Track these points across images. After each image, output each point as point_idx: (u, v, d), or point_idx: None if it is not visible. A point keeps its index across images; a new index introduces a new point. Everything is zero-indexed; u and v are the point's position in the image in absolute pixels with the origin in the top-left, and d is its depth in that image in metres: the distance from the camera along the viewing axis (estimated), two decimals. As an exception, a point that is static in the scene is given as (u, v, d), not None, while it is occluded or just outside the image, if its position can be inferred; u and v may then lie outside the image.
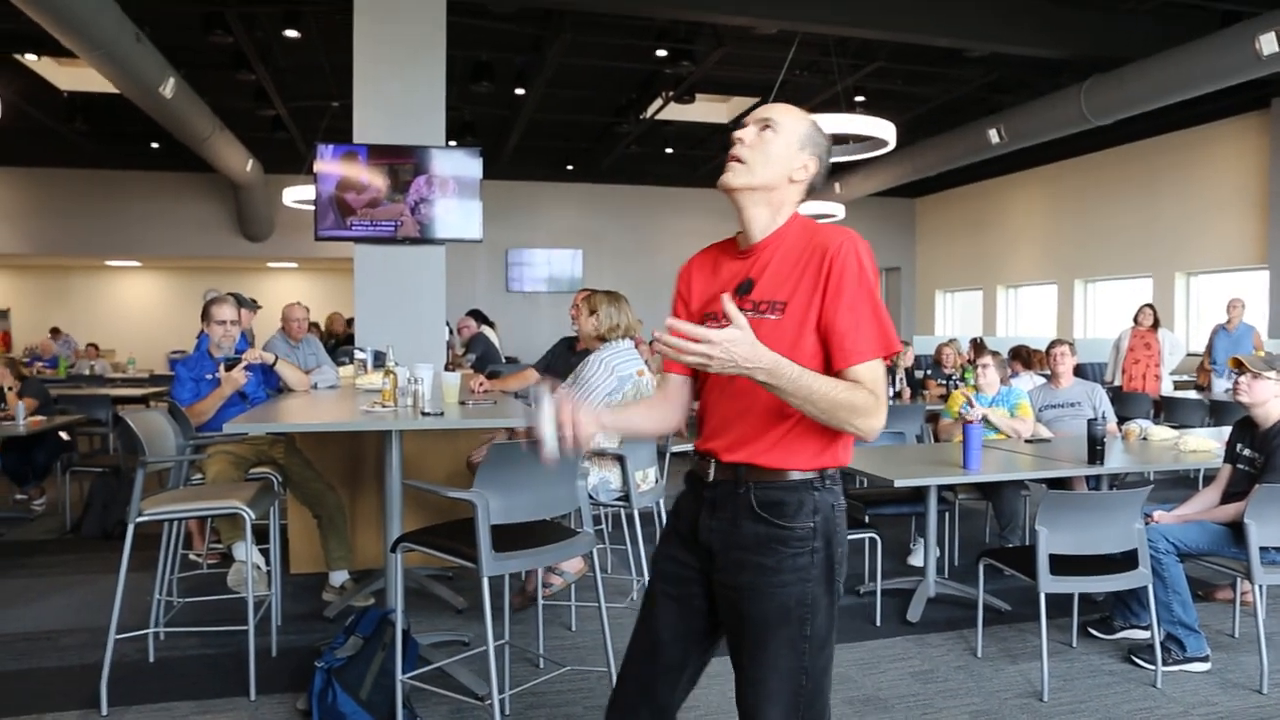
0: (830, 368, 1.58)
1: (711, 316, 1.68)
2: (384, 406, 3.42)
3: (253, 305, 6.91)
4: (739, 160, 1.67)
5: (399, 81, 6.46)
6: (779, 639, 1.60)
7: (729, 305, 1.45)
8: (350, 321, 10.07)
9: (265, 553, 3.79)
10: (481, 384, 4.47)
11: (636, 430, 1.94)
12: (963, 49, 8.97)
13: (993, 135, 10.39)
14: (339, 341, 8.83)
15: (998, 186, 14.49)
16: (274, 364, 4.35)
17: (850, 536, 3.95)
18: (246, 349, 4.50)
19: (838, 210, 12.65)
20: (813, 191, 1.73)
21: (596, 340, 3.90)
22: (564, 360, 4.59)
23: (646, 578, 3.47)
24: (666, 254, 15.56)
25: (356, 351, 5.27)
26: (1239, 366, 3.62)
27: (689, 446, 6.96)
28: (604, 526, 4.80)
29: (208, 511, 3.32)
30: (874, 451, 4.45)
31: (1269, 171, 10.09)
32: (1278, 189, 9.92)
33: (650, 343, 1.86)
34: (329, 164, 6.33)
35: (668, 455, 6.47)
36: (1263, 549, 3.24)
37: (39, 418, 5.76)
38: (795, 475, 1.62)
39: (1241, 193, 10.63)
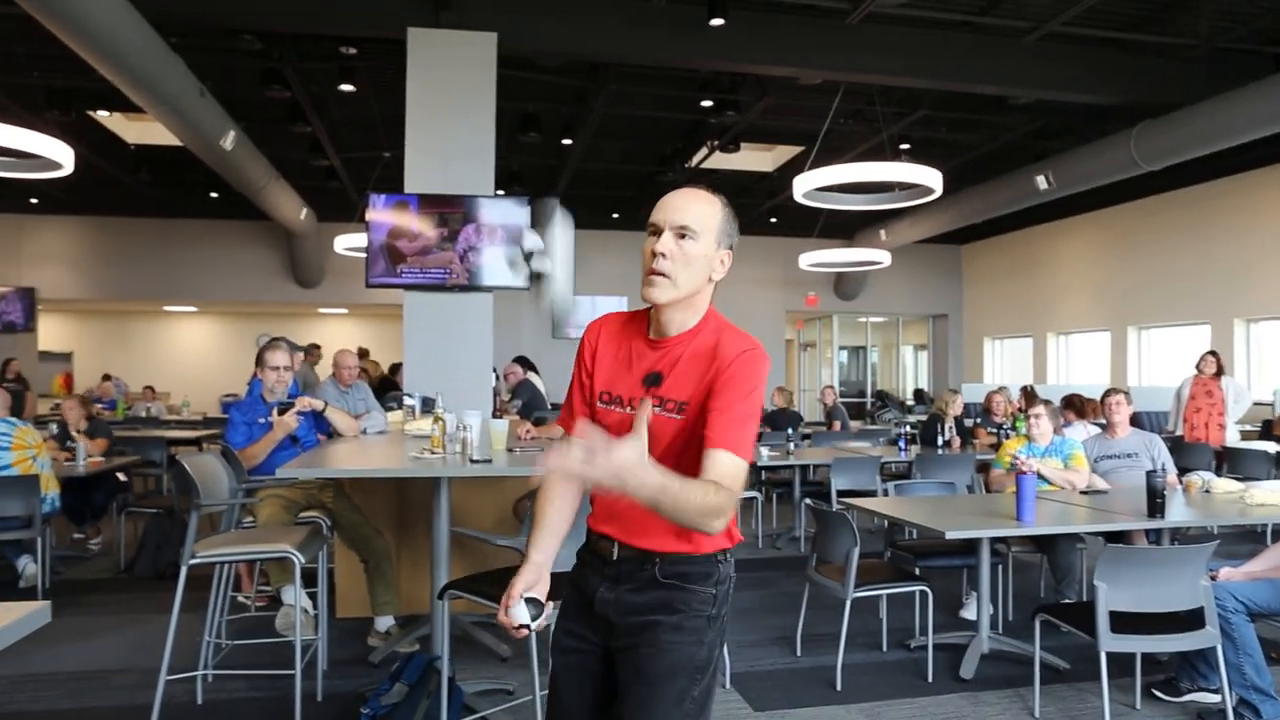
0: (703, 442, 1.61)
1: (611, 398, 1.72)
2: (433, 453, 3.45)
3: (303, 349, 7.04)
4: (662, 275, 1.64)
5: (449, 132, 6.62)
6: (668, 695, 1.62)
7: (642, 423, 1.52)
8: (393, 368, 10.20)
9: (313, 597, 3.81)
10: (528, 430, 4.49)
11: (562, 534, 1.79)
12: (1008, 96, 8.95)
13: (1040, 181, 10.30)
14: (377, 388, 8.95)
15: (1046, 232, 14.34)
16: (324, 410, 4.41)
17: (900, 590, 3.90)
18: (299, 394, 4.58)
19: (884, 257, 12.60)
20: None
21: None
22: None
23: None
24: (713, 300, 15.58)
25: (405, 397, 5.33)
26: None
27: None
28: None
29: (259, 555, 3.35)
30: (924, 503, 4.37)
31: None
32: (1338, 235, 9.68)
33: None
34: (380, 212, 6.48)
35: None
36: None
37: (99, 459, 5.90)
38: (701, 555, 1.67)
39: (1300, 240, 10.40)
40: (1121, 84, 8.48)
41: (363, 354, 11.74)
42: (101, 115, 9.79)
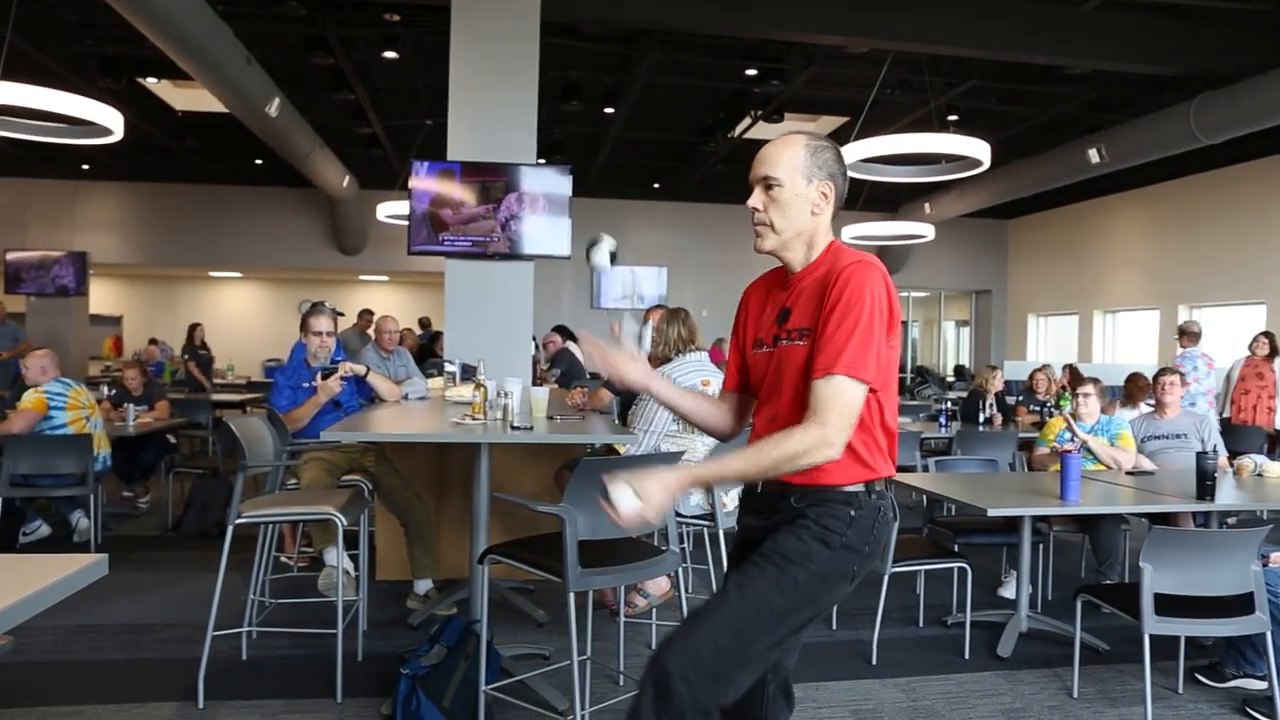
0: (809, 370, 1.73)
1: (757, 342, 1.88)
2: (474, 419, 3.47)
3: (342, 314, 7.13)
4: (762, 225, 1.81)
5: (492, 100, 6.59)
6: (766, 571, 1.71)
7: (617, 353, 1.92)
8: (433, 336, 10.26)
9: (354, 559, 3.88)
10: (582, 395, 4.51)
11: (689, 413, 2.01)
12: (1061, 66, 8.71)
13: (1093, 155, 10.04)
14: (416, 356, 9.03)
15: (1095, 208, 14.00)
16: (366, 375, 4.46)
17: (938, 566, 3.87)
18: (343, 358, 4.63)
19: (928, 231, 12.41)
20: (841, 202, 1.83)
21: (659, 362, 3.88)
22: None
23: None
24: (749, 273, 15.10)
25: (446, 364, 5.37)
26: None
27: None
28: (686, 546, 4.77)
29: (302, 516, 3.41)
30: (964, 479, 4.32)
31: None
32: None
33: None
34: (423, 180, 6.49)
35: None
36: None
37: (148, 420, 6.03)
38: (841, 489, 1.75)
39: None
40: (1181, 54, 8.20)
41: (424, 324, 11.86)
42: (150, 83, 9.90)
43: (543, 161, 10.11)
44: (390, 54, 8.66)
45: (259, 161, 12.92)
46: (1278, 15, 7.78)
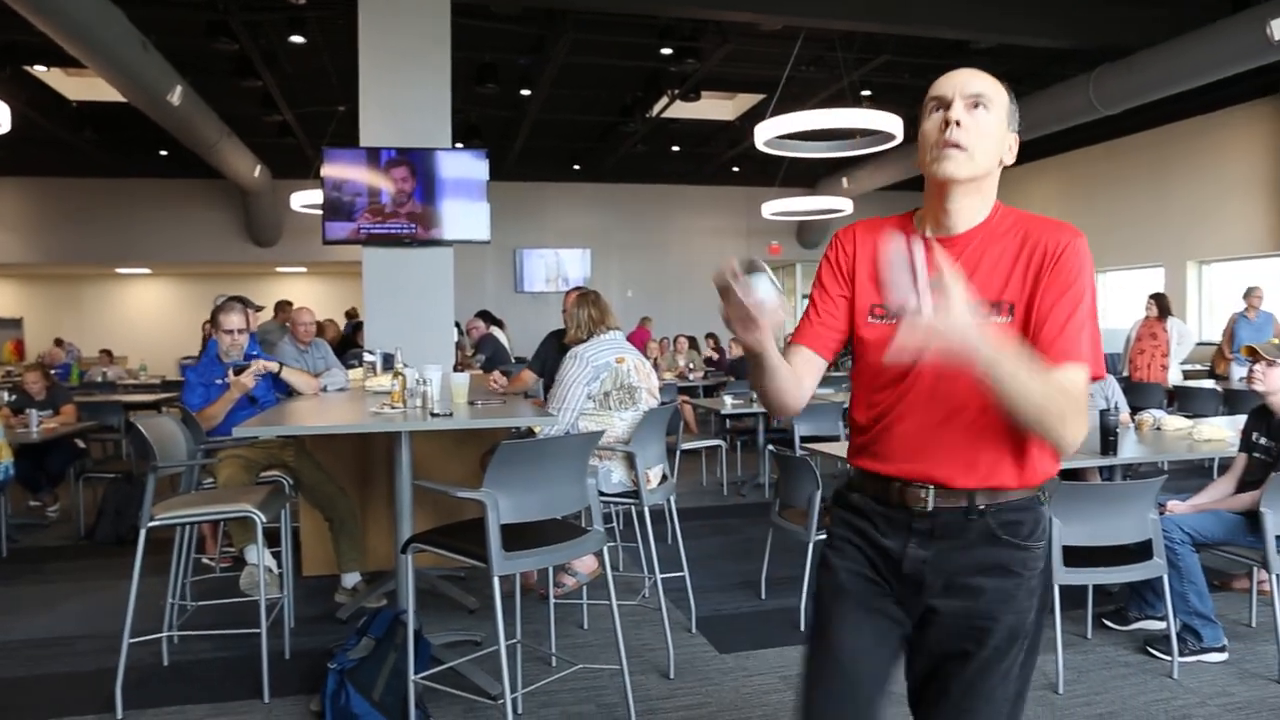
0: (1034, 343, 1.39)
1: (885, 311, 1.48)
2: (393, 408, 3.42)
3: (255, 307, 6.93)
4: (959, 147, 1.41)
5: (404, 85, 6.47)
6: (1001, 667, 1.44)
7: (947, 267, 1.21)
8: (356, 327, 10.07)
9: (277, 555, 3.80)
10: (498, 380, 4.50)
11: (774, 369, 1.47)
12: (970, 41, 8.92)
13: (1000, 127, 10.30)
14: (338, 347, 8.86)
15: (1006, 177, 13.99)
16: (279, 373, 4.35)
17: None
18: (258, 353, 4.51)
19: (846, 205, 12.61)
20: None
21: (577, 342, 3.91)
22: (555, 355, 4.61)
23: (659, 575, 3.48)
24: (675, 251, 15.56)
25: (365, 354, 5.28)
26: (1253, 355, 3.59)
27: (700, 443, 6.95)
28: (615, 524, 4.80)
29: (218, 516, 3.33)
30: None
31: (1278, 157, 10.01)
32: (1290, 176, 9.84)
33: (673, 339, 1.87)
34: (336, 168, 6.35)
35: (677, 454, 6.49)
36: (1279, 537, 3.21)
37: (53, 425, 5.79)
38: (1027, 492, 1.46)
39: (1253, 180, 10.55)
40: (1082, 28, 8.47)
41: (351, 314, 11.60)
42: (39, 71, 9.44)
43: (459, 146, 9.96)
44: (297, 39, 8.42)
45: (164, 153, 12.47)
46: (1168, -12, 8.09)
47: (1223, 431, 4.17)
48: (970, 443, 1.42)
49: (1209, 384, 7.89)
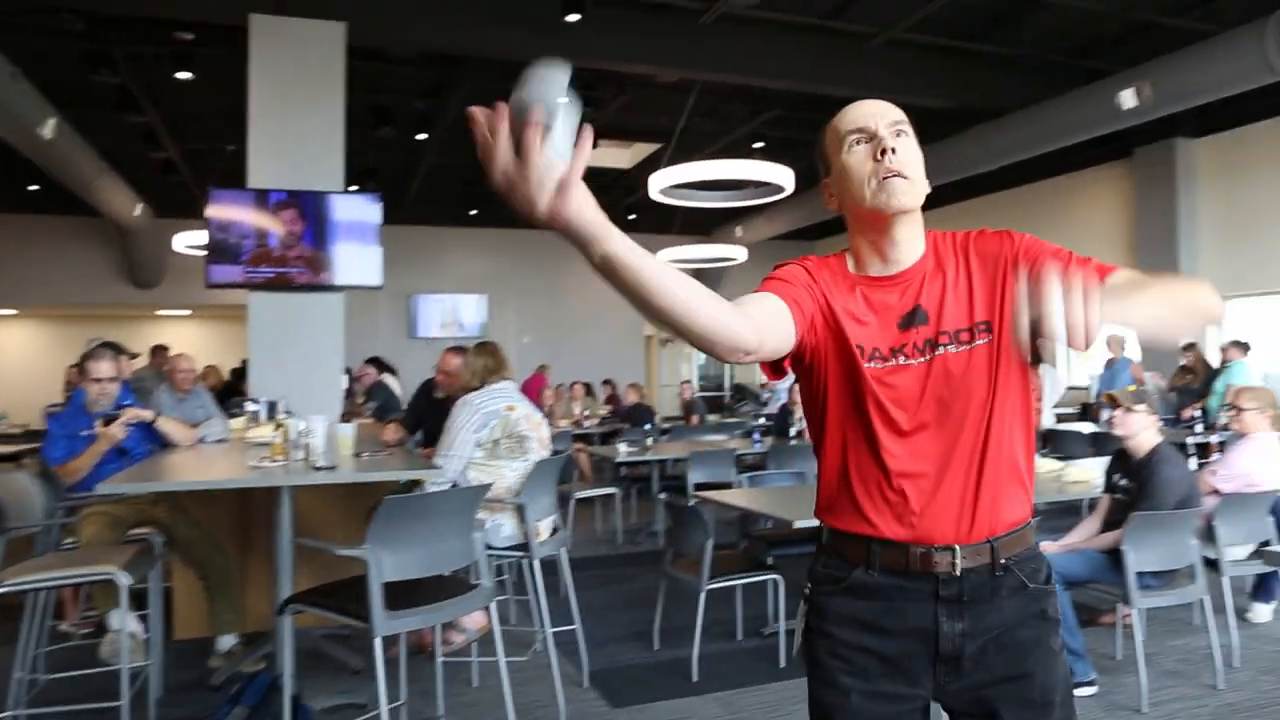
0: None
1: (897, 353, 1.33)
2: (274, 461, 3.30)
3: (128, 354, 6.62)
4: (901, 175, 1.32)
5: (296, 125, 6.35)
6: (1067, 714, 1.35)
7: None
8: (236, 372, 9.71)
9: (145, 619, 3.58)
10: (395, 432, 4.40)
11: (660, 277, 1.16)
12: (855, 98, 9.30)
13: (885, 181, 10.77)
14: (222, 394, 8.51)
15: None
16: (153, 421, 4.15)
17: (753, 579, 3.99)
18: (131, 402, 4.29)
19: (740, 253, 12.90)
20: None
21: (469, 390, 3.87)
22: (426, 408, 4.55)
23: (549, 630, 3.42)
24: (572, 298, 15.59)
25: (248, 403, 5.08)
26: (1112, 401, 3.81)
27: (595, 491, 6.92)
28: (507, 577, 4.72)
29: (75, 579, 3.11)
30: (776, 493, 4.50)
31: (1135, 216, 10.75)
32: (1143, 232, 10.55)
33: (569, 386, 1.63)
34: (222, 209, 6.17)
35: (571, 502, 6.44)
36: (1139, 574, 3.39)
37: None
38: (1026, 530, 1.36)
39: (1112, 236, 11.27)
40: (958, 89, 8.97)
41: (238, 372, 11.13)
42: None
43: (353, 189, 9.80)
44: (184, 75, 8.17)
45: (34, 187, 11.82)
46: (1034, 59, 8.67)
47: (1090, 473, 4.40)
48: (983, 484, 1.31)
49: (1080, 426, 8.31)
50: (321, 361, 6.27)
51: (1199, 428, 6.89)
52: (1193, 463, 5.61)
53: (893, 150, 1.32)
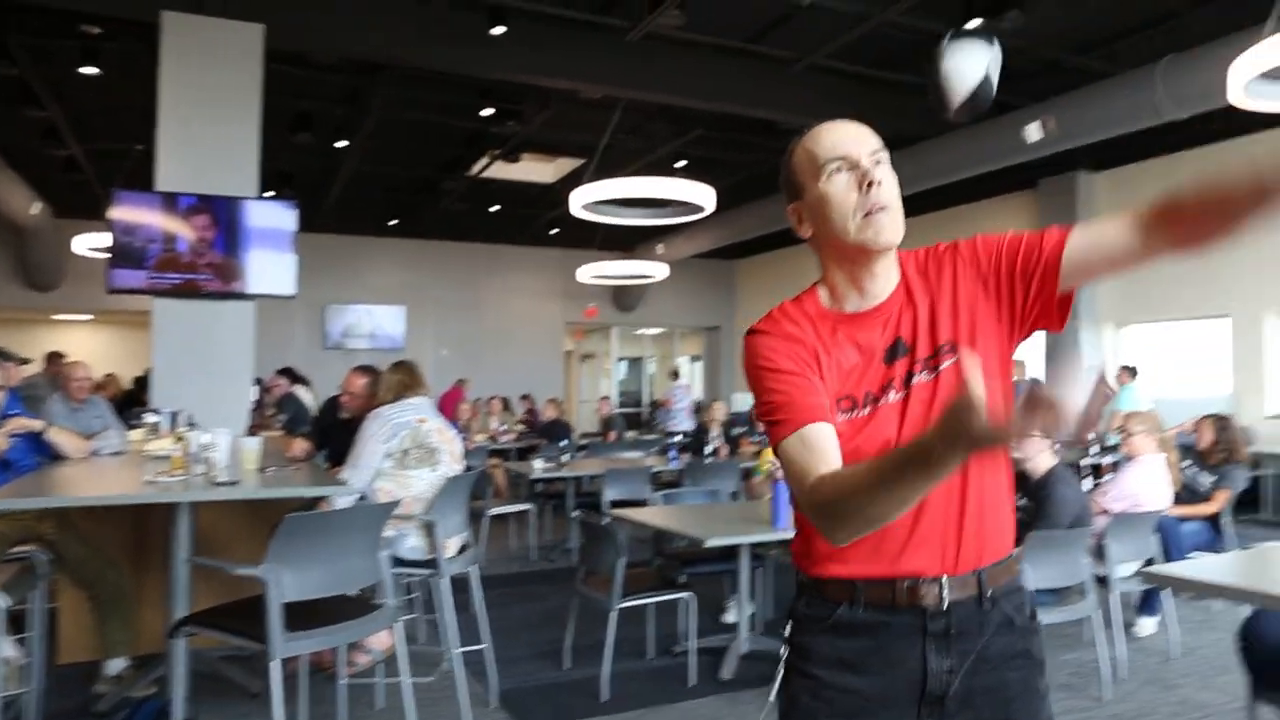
0: (1054, 257, 1.25)
1: (870, 399, 1.28)
2: (172, 475, 3.18)
3: (18, 359, 6.30)
4: (889, 209, 1.28)
5: (209, 128, 6.18)
6: None
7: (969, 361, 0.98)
8: (139, 382, 9.36)
9: (24, 642, 3.40)
10: (303, 448, 4.29)
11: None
12: (777, 121, 9.50)
13: (804, 204, 11.01)
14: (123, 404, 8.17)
15: (811, 251, 15.34)
16: (43, 432, 3.96)
17: (665, 598, 4.01)
18: (18, 410, 4.08)
19: (661, 270, 12.99)
20: None
21: (383, 404, 3.83)
22: (332, 423, 4.47)
23: (456, 649, 3.37)
24: (492, 311, 15.48)
25: (148, 414, 4.89)
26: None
27: (510, 508, 6.87)
28: (417, 595, 4.63)
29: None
30: (690, 511, 4.53)
31: (1042, 244, 11.21)
32: (1049, 260, 11.00)
33: (486, 400, 1.54)
34: (127, 211, 5.97)
35: (485, 518, 6.37)
36: (1035, 591, 3.51)
37: None
38: (1014, 555, 1.34)
39: (1020, 263, 11.74)
40: (876, 116, 9.05)
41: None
42: None
43: (269, 194, 9.56)
44: (90, 70, 7.85)
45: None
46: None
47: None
48: (965, 513, 1.27)
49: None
50: (230, 372, 6.09)
51: (1094, 449, 7.19)
52: (1087, 484, 5.86)
53: (879, 183, 1.28)
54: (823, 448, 1.21)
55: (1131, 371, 8.92)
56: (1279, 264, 8.88)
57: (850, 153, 1.30)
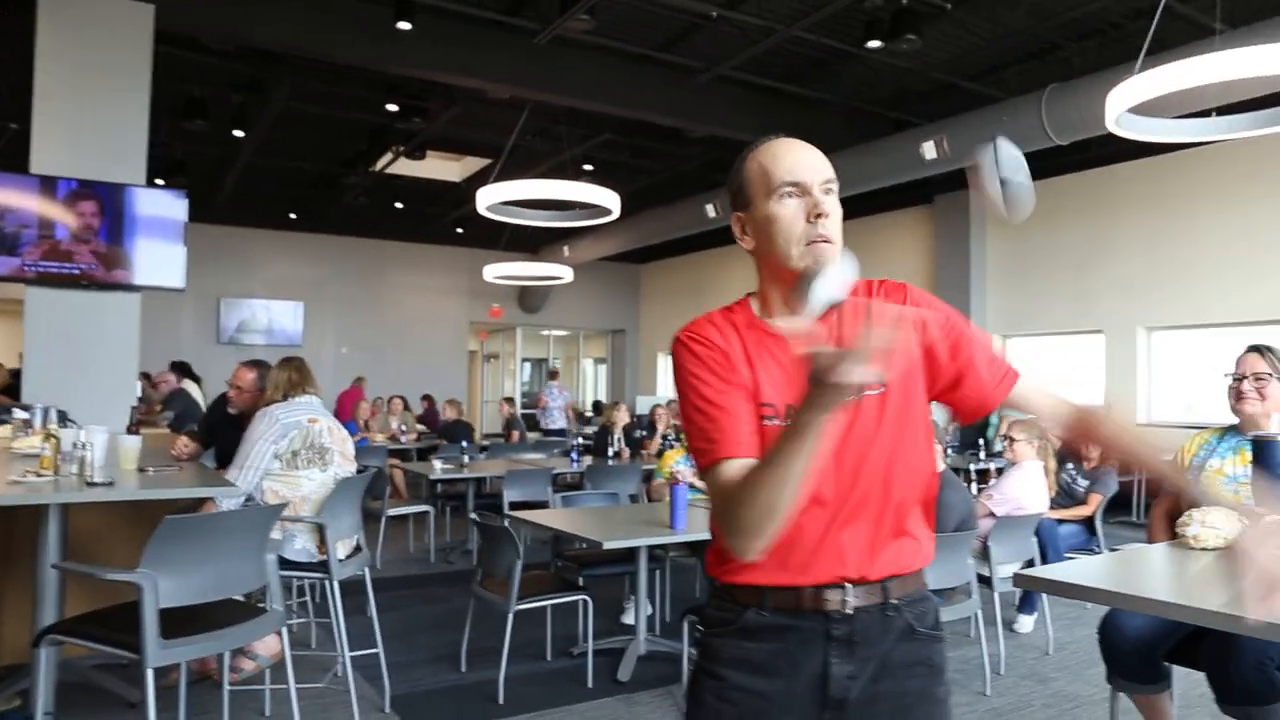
0: (988, 403, 1.38)
1: (788, 411, 1.28)
2: (41, 475, 3.01)
3: None
4: (830, 241, 1.31)
5: (92, 110, 5.88)
6: None
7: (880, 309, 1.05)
8: (16, 374, 8.85)
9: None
10: (186, 446, 4.10)
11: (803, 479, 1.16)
12: (683, 129, 9.62)
13: (709, 210, 11.18)
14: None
15: (715, 257, 15.53)
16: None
17: (563, 600, 4.00)
18: None
19: (566, 273, 12.98)
20: None
21: (271, 403, 3.70)
22: (220, 421, 4.31)
23: (347, 654, 3.29)
24: (393, 309, 15.18)
25: (16, 410, 4.62)
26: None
27: (408, 509, 6.75)
28: (308, 599, 4.50)
29: None
30: (590, 513, 4.53)
31: (934, 258, 11.64)
32: (942, 272, 11.44)
33: (387, 399, 1.52)
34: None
35: (384, 519, 6.24)
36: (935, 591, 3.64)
37: None
38: (921, 576, 1.37)
39: (914, 275, 12.14)
40: (777, 128, 9.31)
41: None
42: None
43: (160, 182, 9.17)
44: (-43, 42, 7.38)
45: None
46: (848, 107, 9.24)
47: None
48: (876, 527, 1.31)
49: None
50: (113, 366, 5.81)
51: (982, 455, 7.50)
52: (974, 488, 6.10)
53: (827, 215, 1.31)
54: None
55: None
56: (1149, 285, 9.45)
57: (805, 180, 1.33)
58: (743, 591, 1.33)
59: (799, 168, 1.33)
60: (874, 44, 7.11)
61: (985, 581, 4.11)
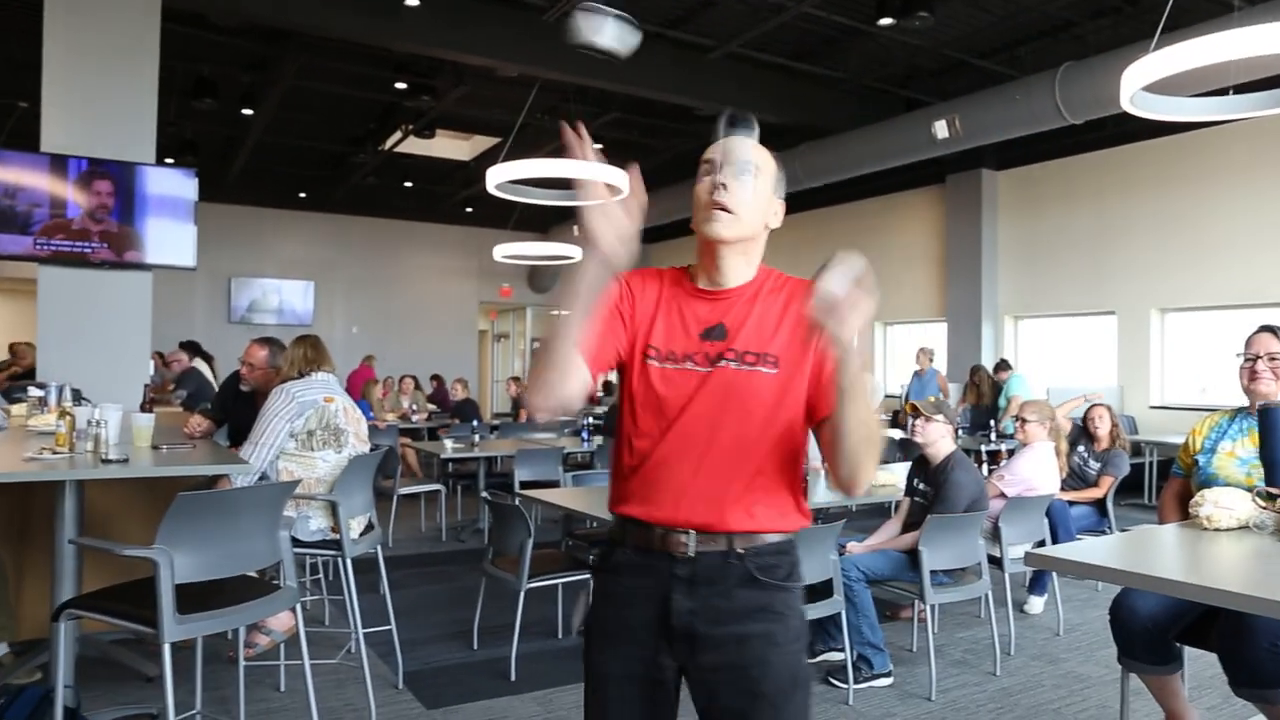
0: (815, 415, 1.50)
1: (666, 355, 1.51)
2: (56, 452, 3.03)
3: None
4: (725, 209, 1.49)
5: (101, 88, 5.87)
6: (791, 710, 1.48)
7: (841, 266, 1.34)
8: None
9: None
10: (199, 424, 4.12)
11: (571, 339, 1.45)
12: (693, 106, 9.56)
13: (719, 190, 11.11)
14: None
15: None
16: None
17: (573, 579, 4.01)
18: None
19: (576, 252, 12.93)
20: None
21: (287, 380, 3.69)
22: (233, 399, 4.31)
23: (360, 630, 3.32)
24: (403, 289, 15.19)
25: (32, 388, 4.64)
26: (914, 411, 4.08)
27: (420, 488, 6.78)
28: (321, 576, 4.54)
29: None
30: (599, 492, 4.52)
31: (945, 238, 11.56)
32: (952, 253, 11.37)
33: (398, 379, 1.72)
34: (8, 172, 5.63)
35: (395, 498, 6.28)
36: (933, 572, 3.65)
37: None
38: (780, 537, 1.51)
39: (925, 255, 12.09)
40: (789, 107, 9.35)
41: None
42: None
43: (170, 161, 9.17)
44: (-33, 22, 7.39)
45: None
46: (858, 85, 9.16)
47: (896, 476, 4.68)
48: (732, 488, 1.47)
49: (891, 433, 8.85)
50: (125, 345, 5.84)
51: (993, 436, 7.49)
52: (985, 469, 6.10)
53: (724, 186, 1.49)
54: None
55: (1006, 365, 9.34)
56: (1162, 267, 9.38)
57: (714, 158, 1.53)
58: (616, 530, 1.55)
59: (716, 150, 1.54)
60: (886, 21, 7.04)
61: (996, 562, 4.11)
